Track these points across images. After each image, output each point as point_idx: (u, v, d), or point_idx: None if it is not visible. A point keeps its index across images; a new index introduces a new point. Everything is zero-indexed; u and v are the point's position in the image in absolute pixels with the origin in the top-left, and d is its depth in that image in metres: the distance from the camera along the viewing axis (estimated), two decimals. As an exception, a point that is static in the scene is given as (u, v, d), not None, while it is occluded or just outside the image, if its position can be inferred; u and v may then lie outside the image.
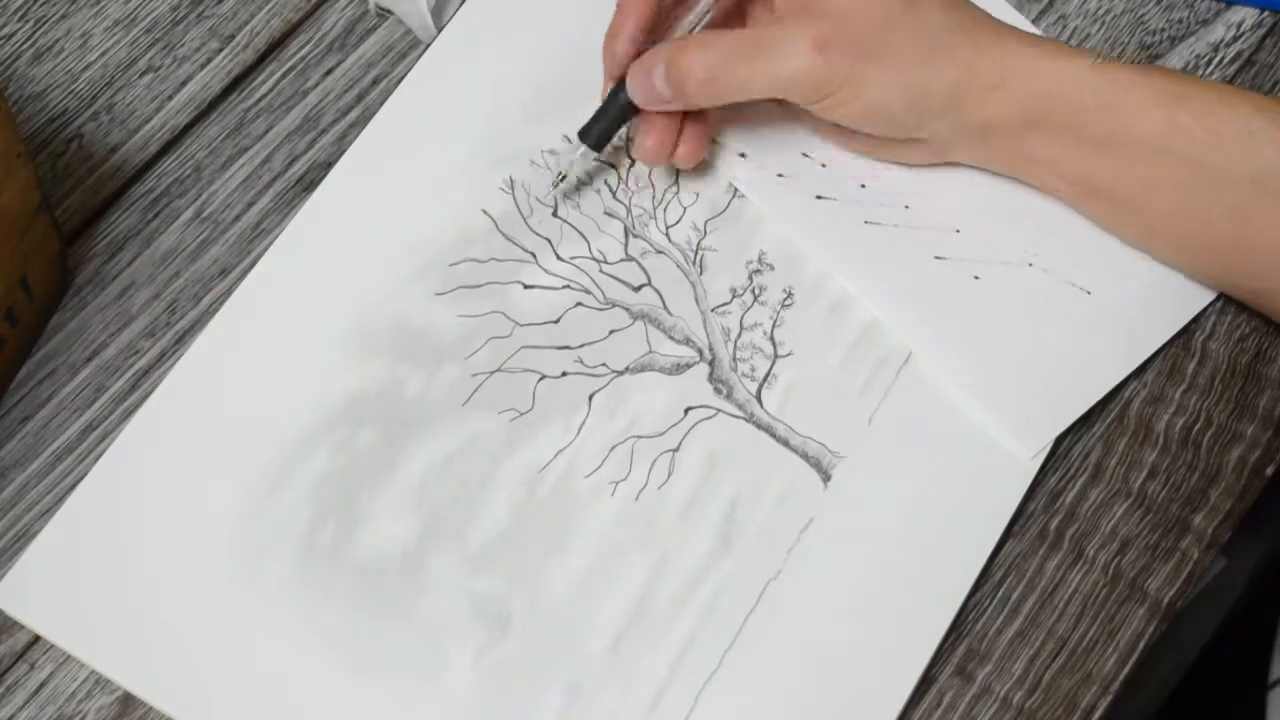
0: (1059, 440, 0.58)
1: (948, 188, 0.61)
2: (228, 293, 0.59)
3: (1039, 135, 0.56)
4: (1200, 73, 0.64)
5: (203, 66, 0.64)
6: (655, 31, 0.58)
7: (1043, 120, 0.55)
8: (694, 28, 0.58)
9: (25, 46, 0.64)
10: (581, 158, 0.59)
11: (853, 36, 0.54)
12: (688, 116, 0.59)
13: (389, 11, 0.65)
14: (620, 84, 0.58)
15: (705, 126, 0.59)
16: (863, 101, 0.55)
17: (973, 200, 0.61)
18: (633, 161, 0.61)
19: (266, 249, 0.59)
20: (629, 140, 0.61)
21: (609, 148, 0.60)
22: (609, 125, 0.59)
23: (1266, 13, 0.66)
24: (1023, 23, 0.64)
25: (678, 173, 0.61)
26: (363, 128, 0.61)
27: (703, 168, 0.61)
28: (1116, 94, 0.54)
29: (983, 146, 0.58)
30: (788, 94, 0.56)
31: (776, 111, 0.61)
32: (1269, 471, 0.58)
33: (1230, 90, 0.55)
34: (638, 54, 0.57)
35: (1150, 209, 0.56)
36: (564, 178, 0.59)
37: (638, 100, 0.57)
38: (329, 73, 0.64)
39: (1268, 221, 0.54)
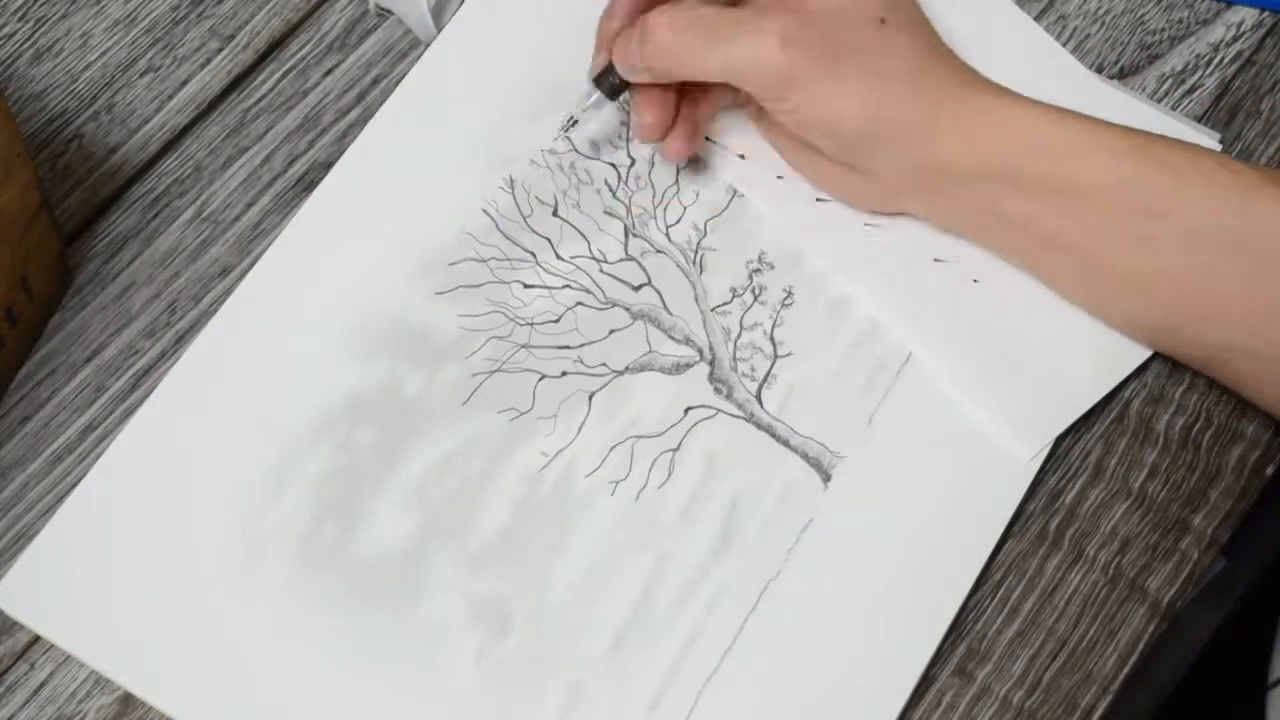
0: (1059, 440, 0.58)
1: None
2: (228, 293, 0.59)
3: (1004, 189, 0.53)
4: (1200, 73, 0.64)
5: (203, 66, 0.64)
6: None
7: (1013, 173, 0.53)
8: None
9: (25, 46, 0.64)
10: (595, 105, 0.59)
11: (821, 38, 0.52)
12: (681, 106, 0.58)
13: (389, 11, 0.65)
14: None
15: (697, 121, 0.59)
16: (815, 109, 0.54)
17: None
18: (633, 161, 0.61)
19: (266, 249, 0.59)
20: (629, 141, 0.61)
21: (609, 147, 0.60)
22: (615, 87, 0.58)
23: (1266, 13, 0.66)
24: (1024, 21, 0.64)
25: (678, 172, 0.61)
26: (363, 128, 0.61)
27: (702, 168, 0.61)
28: (1088, 138, 0.52)
29: (937, 193, 0.56)
30: (743, 83, 0.55)
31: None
32: (1269, 471, 0.58)
33: (1193, 146, 0.54)
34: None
35: (1118, 263, 0.54)
36: (575, 122, 0.59)
37: (618, 65, 0.57)
38: (329, 73, 0.64)
39: (1232, 281, 0.52)
